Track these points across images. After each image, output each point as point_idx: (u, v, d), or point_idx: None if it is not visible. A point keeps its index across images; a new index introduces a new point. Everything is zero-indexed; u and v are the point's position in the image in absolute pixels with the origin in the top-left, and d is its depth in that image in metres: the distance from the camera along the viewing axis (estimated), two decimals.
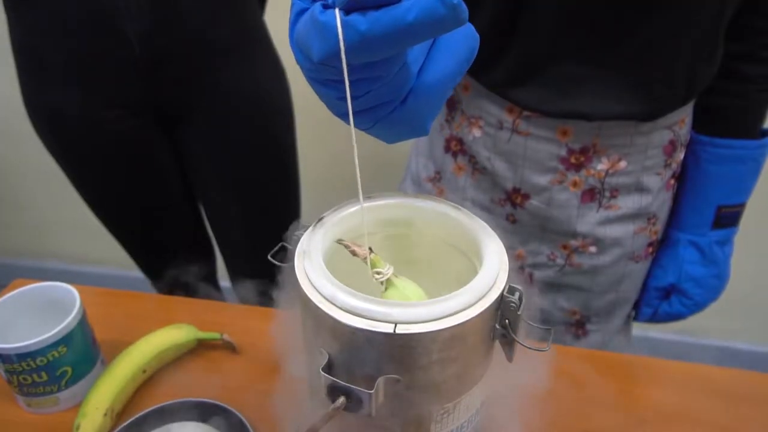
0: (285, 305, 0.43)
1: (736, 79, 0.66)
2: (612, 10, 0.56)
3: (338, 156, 1.23)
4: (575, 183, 0.66)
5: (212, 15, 0.79)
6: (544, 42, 0.59)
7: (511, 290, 0.36)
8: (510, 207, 0.71)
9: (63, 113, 0.81)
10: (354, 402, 0.34)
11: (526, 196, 0.69)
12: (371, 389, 0.33)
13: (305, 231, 0.40)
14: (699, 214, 0.72)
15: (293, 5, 0.30)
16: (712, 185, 0.70)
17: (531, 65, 0.61)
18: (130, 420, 0.55)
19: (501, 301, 0.36)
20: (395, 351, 0.34)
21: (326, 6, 0.27)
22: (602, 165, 0.65)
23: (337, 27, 0.26)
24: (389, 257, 0.40)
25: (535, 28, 0.59)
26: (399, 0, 0.26)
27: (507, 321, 0.37)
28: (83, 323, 0.58)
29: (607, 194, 0.67)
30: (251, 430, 0.54)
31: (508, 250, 0.39)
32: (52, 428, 0.57)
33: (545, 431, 0.54)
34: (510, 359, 0.39)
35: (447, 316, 0.34)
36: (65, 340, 0.55)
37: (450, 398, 0.38)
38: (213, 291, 1.05)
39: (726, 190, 0.70)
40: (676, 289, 0.76)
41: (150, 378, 0.62)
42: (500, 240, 0.39)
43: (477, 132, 0.69)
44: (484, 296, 0.35)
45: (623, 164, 0.65)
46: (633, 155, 0.65)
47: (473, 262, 0.41)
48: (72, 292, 0.58)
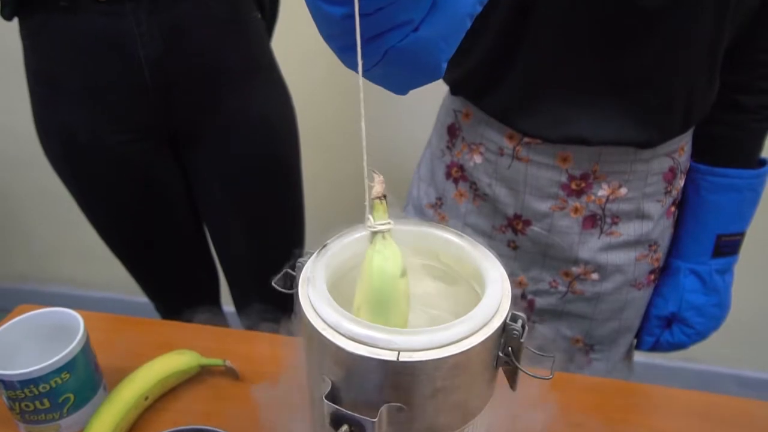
0: (289, 332, 0.43)
1: (734, 110, 0.67)
2: (610, 38, 0.57)
3: (343, 182, 1.24)
4: (576, 209, 0.67)
5: (221, 42, 0.82)
6: (544, 69, 0.61)
7: (514, 318, 0.36)
8: (511, 233, 0.71)
9: (76, 137, 0.83)
10: (357, 430, 0.34)
11: (528, 223, 0.69)
12: (374, 417, 0.33)
13: (309, 257, 0.40)
14: (699, 243, 0.72)
15: None
16: (711, 214, 0.71)
17: (531, 92, 0.62)
18: None
19: (504, 329, 0.36)
20: (398, 379, 0.34)
21: None
22: (603, 191, 0.66)
23: None
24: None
25: (535, 56, 0.60)
26: None
27: (510, 348, 0.37)
28: (86, 349, 0.58)
29: (608, 220, 0.68)
30: None
31: (510, 277, 0.39)
32: None
33: None
34: (513, 387, 0.39)
35: (450, 344, 0.34)
36: (68, 367, 0.55)
37: (453, 427, 0.38)
38: (216, 316, 1.05)
39: (725, 219, 0.71)
40: (678, 318, 0.75)
41: (152, 405, 0.61)
42: (502, 267, 0.40)
43: (478, 158, 0.70)
44: (487, 324, 0.35)
45: (624, 191, 0.66)
46: (633, 182, 0.65)
47: (476, 290, 0.42)
48: (76, 318, 0.58)
